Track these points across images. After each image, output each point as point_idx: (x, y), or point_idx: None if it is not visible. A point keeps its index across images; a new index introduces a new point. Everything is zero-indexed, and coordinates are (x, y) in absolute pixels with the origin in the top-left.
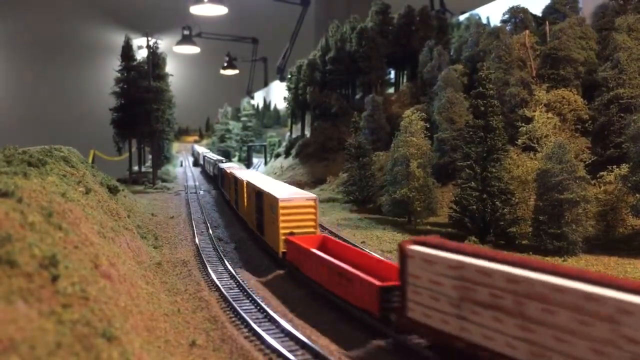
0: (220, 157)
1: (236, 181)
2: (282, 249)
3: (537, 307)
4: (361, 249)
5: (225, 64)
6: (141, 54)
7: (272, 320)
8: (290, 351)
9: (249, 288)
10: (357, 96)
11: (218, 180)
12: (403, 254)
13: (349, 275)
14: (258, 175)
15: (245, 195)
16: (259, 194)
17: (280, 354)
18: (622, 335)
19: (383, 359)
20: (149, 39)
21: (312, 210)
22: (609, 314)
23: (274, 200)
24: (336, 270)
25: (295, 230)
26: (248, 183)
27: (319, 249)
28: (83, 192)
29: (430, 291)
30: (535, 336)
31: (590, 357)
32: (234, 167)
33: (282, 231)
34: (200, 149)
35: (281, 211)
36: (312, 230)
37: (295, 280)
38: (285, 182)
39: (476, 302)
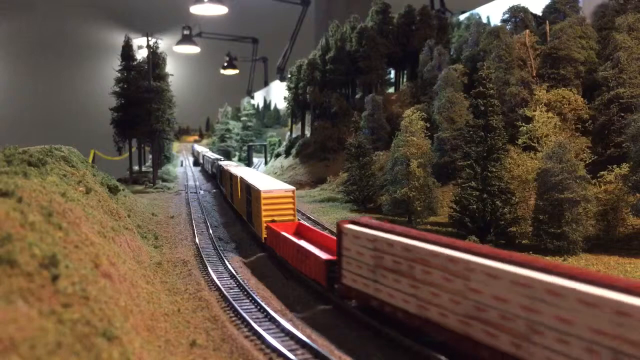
0: (218, 156)
1: (231, 177)
2: (264, 234)
3: (421, 269)
4: (328, 232)
5: (226, 64)
6: (141, 54)
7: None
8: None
9: (249, 288)
10: (357, 96)
11: (217, 177)
12: (339, 232)
13: (305, 253)
14: (250, 172)
15: (238, 189)
16: (247, 187)
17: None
18: (469, 288)
19: (327, 319)
20: (149, 38)
21: (291, 200)
22: (461, 272)
23: (257, 191)
24: (297, 249)
25: (276, 218)
26: (241, 178)
27: (294, 233)
28: (83, 192)
29: (357, 261)
30: (420, 292)
31: (449, 305)
32: (231, 165)
33: (264, 219)
34: (200, 149)
35: (263, 201)
36: (290, 217)
37: (273, 260)
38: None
39: (384, 267)
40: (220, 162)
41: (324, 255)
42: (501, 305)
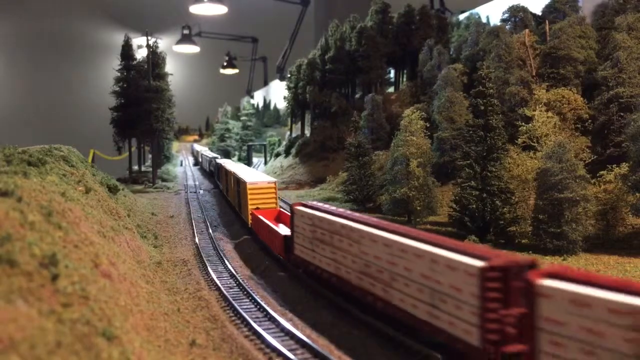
0: (215, 155)
1: (226, 173)
2: (250, 220)
3: (341, 240)
4: None
5: (225, 63)
6: (141, 53)
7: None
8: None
9: (248, 286)
10: (357, 95)
11: (214, 174)
12: (292, 212)
13: (272, 231)
14: (241, 167)
15: (231, 183)
16: (237, 180)
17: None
18: (361, 250)
19: (283, 282)
20: (149, 38)
21: (273, 190)
22: (357, 238)
23: (244, 183)
24: (269, 229)
25: (260, 206)
26: (233, 173)
27: (274, 219)
28: (83, 192)
29: (302, 235)
30: (336, 256)
31: (352, 265)
32: (226, 162)
33: (250, 207)
34: (199, 148)
35: (249, 191)
36: (272, 205)
37: (256, 242)
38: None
39: (317, 239)
40: (217, 160)
41: (283, 232)
42: (377, 262)
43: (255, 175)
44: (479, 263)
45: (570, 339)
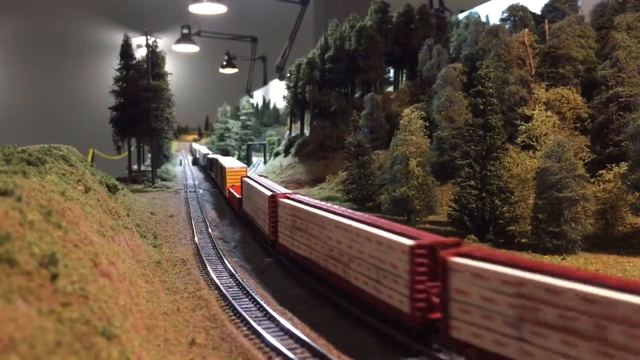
0: (208, 151)
1: (214, 163)
2: (226, 194)
3: (313, 227)
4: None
5: (225, 63)
6: (140, 53)
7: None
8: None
9: (248, 286)
10: (357, 95)
11: (207, 167)
12: (276, 204)
13: (234, 197)
14: (226, 159)
15: (218, 170)
16: (221, 167)
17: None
18: (327, 236)
19: (284, 282)
20: (148, 37)
21: (243, 173)
22: (325, 225)
23: (224, 168)
24: (234, 197)
25: (235, 184)
26: (219, 162)
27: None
28: (82, 191)
29: (285, 225)
30: (309, 242)
31: (320, 249)
32: (215, 156)
33: (227, 184)
34: (196, 146)
35: (227, 174)
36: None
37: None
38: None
39: (296, 227)
40: (209, 156)
41: (239, 196)
42: (338, 246)
43: (233, 163)
44: (409, 242)
45: (473, 306)
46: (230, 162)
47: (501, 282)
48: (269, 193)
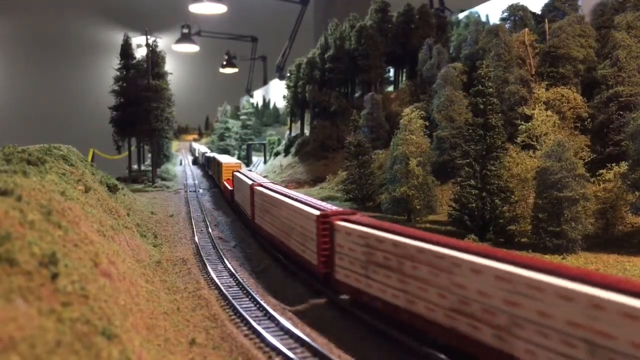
0: (207, 150)
1: (212, 160)
2: (222, 187)
3: (277, 209)
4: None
5: (225, 63)
6: (140, 53)
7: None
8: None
9: (248, 285)
10: (357, 94)
11: (205, 165)
12: (252, 191)
13: (227, 189)
14: (222, 156)
15: (215, 166)
16: (218, 163)
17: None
18: (282, 215)
19: (284, 282)
20: (148, 37)
21: (238, 168)
22: (285, 209)
23: (220, 164)
24: (227, 189)
25: (229, 177)
26: (216, 159)
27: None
28: (82, 191)
29: (259, 208)
30: (275, 221)
31: (278, 225)
32: (213, 154)
33: (223, 178)
34: (196, 145)
35: (223, 169)
36: None
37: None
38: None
39: (265, 210)
40: (207, 154)
41: (231, 188)
42: (286, 221)
43: (228, 159)
44: (317, 212)
45: (345, 255)
46: (226, 159)
47: (358, 237)
48: (250, 182)
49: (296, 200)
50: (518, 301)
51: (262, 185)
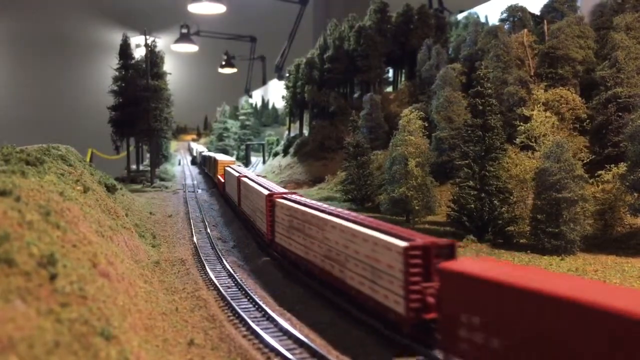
0: (203, 149)
1: (207, 157)
2: (217, 181)
3: (246, 191)
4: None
5: (224, 63)
6: (139, 53)
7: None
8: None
9: (246, 286)
10: (356, 95)
11: (201, 163)
12: (225, 171)
13: (220, 181)
14: (216, 154)
15: (211, 162)
16: (214, 160)
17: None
18: (249, 191)
19: (283, 283)
20: (147, 37)
21: (232, 164)
22: (248, 189)
23: (216, 160)
24: (220, 181)
25: (223, 172)
26: (212, 157)
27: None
28: (81, 191)
29: (242, 194)
30: (246, 200)
31: (249, 204)
32: (209, 153)
33: (218, 173)
34: (194, 145)
35: (218, 165)
36: None
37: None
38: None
39: (243, 195)
40: (203, 153)
41: (222, 180)
42: (249, 195)
43: (223, 157)
44: (266, 192)
45: (280, 220)
46: (221, 157)
47: (286, 209)
48: (237, 174)
49: (255, 182)
50: (348, 245)
51: (246, 177)
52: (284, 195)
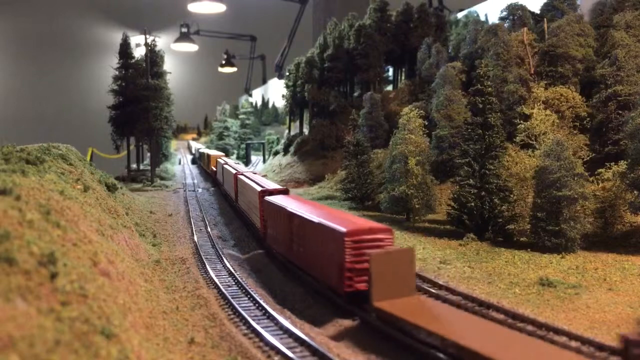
0: (200, 146)
1: (203, 154)
2: (209, 170)
3: (227, 175)
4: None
5: (224, 62)
6: (139, 52)
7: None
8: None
9: (247, 285)
10: (356, 94)
11: (198, 158)
12: (231, 174)
13: (213, 172)
14: (210, 150)
15: (205, 158)
16: (207, 156)
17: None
18: (228, 172)
19: (283, 281)
20: (147, 36)
21: (222, 156)
22: (229, 174)
23: (209, 155)
24: (214, 170)
25: (215, 164)
26: (207, 154)
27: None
28: (81, 190)
29: (224, 178)
30: (225, 180)
31: (228, 183)
32: (205, 149)
33: (210, 165)
34: (193, 143)
35: (211, 159)
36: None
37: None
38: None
39: (223, 180)
40: (200, 150)
41: (214, 169)
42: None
43: (215, 152)
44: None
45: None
46: (213, 152)
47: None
48: (222, 162)
49: (245, 176)
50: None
51: (232, 167)
52: (271, 192)
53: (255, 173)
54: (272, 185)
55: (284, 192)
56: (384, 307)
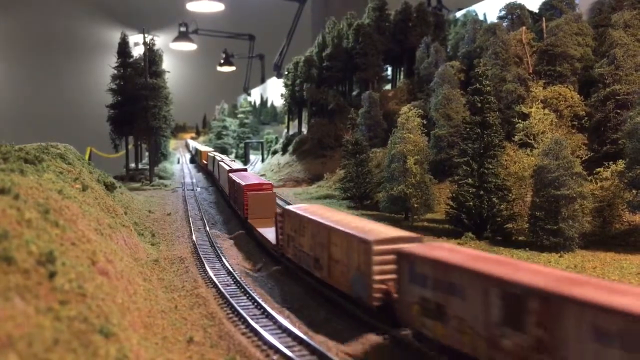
0: (197, 144)
1: (198, 150)
2: (201, 163)
3: (218, 170)
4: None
5: (222, 61)
6: (138, 51)
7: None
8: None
9: (245, 284)
10: (354, 93)
11: (194, 154)
12: (221, 167)
13: (204, 165)
14: (205, 147)
15: (200, 155)
16: (200, 151)
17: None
18: (220, 168)
19: (282, 280)
20: (146, 35)
21: (212, 152)
22: (219, 169)
23: (202, 151)
24: (205, 164)
25: (206, 157)
26: (200, 150)
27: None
28: (80, 189)
29: (214, 169)
30: (215, 173)
31: (223, 179)
32: (201, 147)
33: (202, 159)
34: (192, 143)
35: (203, 153)
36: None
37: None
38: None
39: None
40: (197, 148)
41: (205, 162)
42: (221, 174)
43: (207, 148)
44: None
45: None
46: (204, 148)
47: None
48: (212, 156)
49: (223, 162)
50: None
51: (219, 161)
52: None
53: (233, 160)
54: (235, 165)
55: (244, 170)
56: None
